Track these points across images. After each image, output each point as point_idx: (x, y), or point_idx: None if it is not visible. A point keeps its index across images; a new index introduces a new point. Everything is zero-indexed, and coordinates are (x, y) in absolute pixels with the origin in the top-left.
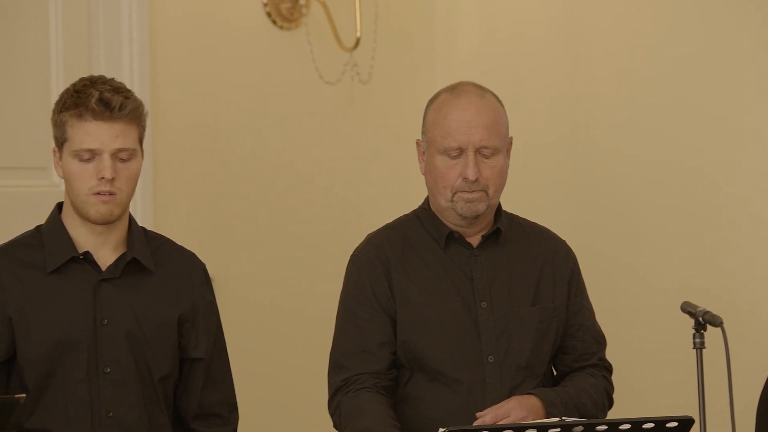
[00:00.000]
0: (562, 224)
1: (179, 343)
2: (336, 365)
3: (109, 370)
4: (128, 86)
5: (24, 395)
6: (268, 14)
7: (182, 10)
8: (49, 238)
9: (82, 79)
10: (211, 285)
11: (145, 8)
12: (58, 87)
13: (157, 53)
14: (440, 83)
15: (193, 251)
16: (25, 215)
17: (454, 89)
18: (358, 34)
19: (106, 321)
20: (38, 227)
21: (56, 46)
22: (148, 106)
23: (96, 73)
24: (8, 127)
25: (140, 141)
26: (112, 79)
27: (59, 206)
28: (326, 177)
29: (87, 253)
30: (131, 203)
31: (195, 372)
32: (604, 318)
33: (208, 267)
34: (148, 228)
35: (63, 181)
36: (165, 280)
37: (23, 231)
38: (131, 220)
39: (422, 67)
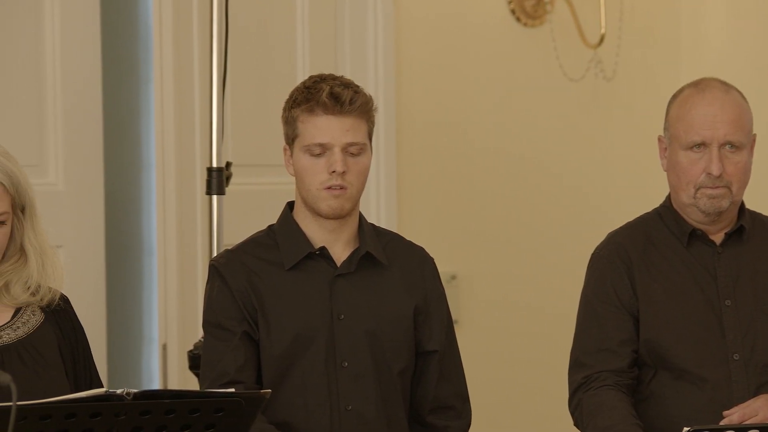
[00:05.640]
0: None
1: (414, 335)
2: (577, 363)
3: (347, 364)
4: (373, 86)
5: (269, 390)
6: (512, 12)
7: (427, 10)
8: (283, 237)
9: (311, 77)
10: (440, 278)
11: (390, 9)
12: None
13: (401, 53)
14: (685, 80)
15: (437, 249)
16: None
17: (698, 85)
18: (603, 30)
19: (342, 316)
20: (270, 227)
21: (303, 47)
22: (392, 106)
23: (340, 74)
24: (258, 126)
25: (369, 136)
26: (342, 76)
27: (290, 205)
28: (569, 174)
29: (323, 249)
30: (375, 201)
31: (430, 365)
32: None
33: (451, 265)
34: (392, 226)
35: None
36: (398, 273)
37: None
38: (361, 216)
39: (667, 64)
